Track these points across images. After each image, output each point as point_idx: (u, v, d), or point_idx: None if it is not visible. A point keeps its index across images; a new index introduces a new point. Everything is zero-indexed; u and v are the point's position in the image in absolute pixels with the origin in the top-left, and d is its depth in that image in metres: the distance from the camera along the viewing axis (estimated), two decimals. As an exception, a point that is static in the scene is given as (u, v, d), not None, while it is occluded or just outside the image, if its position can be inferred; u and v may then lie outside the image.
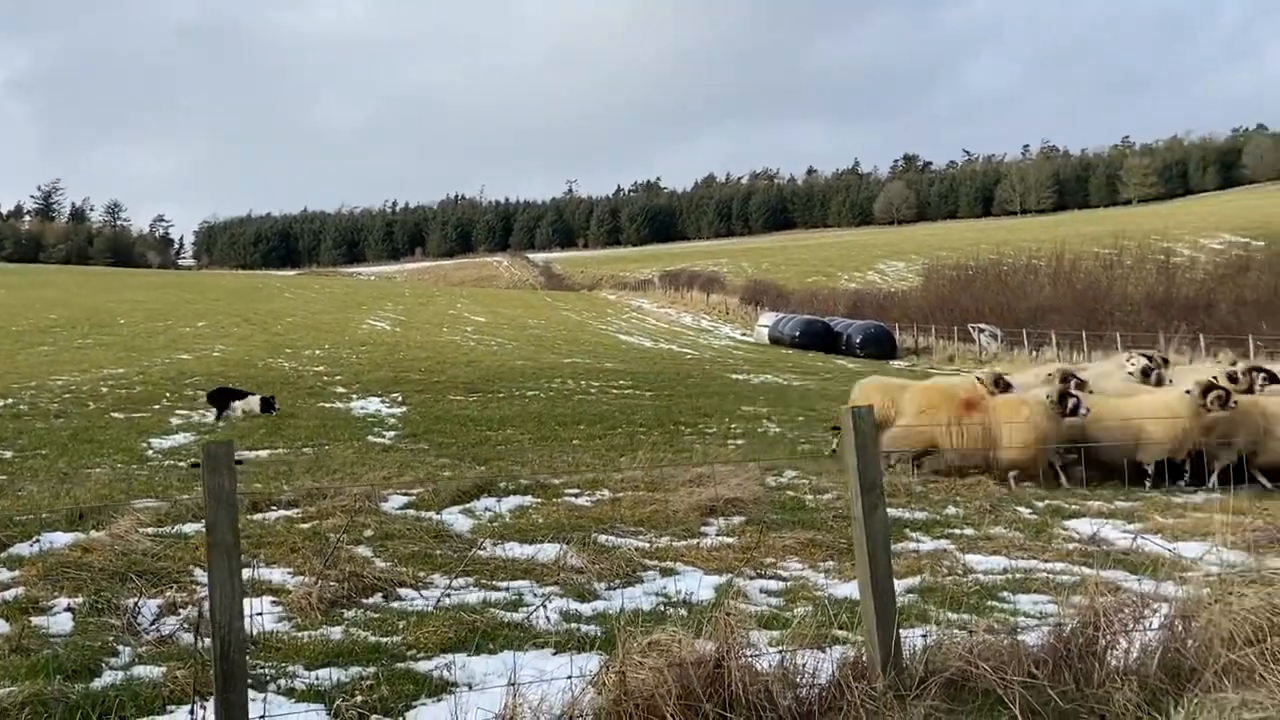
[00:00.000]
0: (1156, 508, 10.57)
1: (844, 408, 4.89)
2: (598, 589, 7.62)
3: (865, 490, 4.81)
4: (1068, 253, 49.74)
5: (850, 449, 4.83)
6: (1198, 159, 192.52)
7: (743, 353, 49.61)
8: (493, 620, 6.75)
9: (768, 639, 5.80)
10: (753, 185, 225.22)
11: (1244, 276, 37.25)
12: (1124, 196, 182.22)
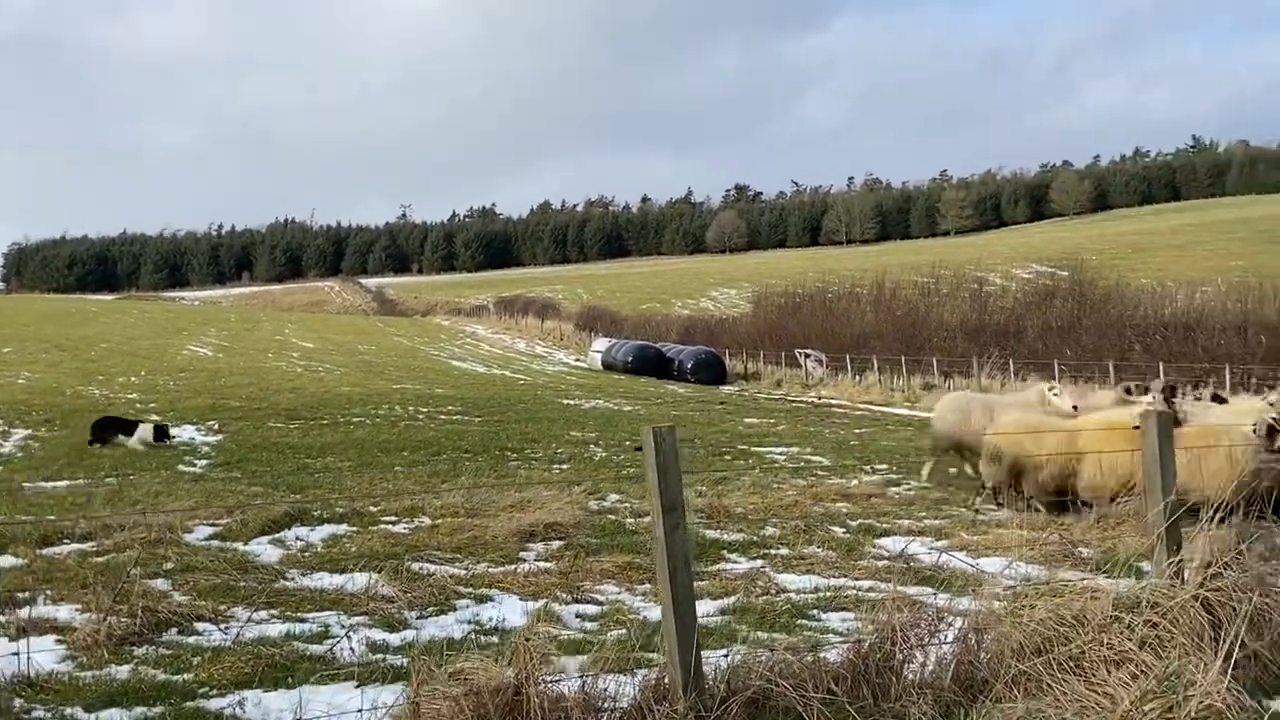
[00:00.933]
0: (963, 525, 10.95)
1: (645, 427, 4.85)
2: (408, 618, 7.39)
3: (666, 510, 4.78)
4: (888, 281, 51.69)
5: (651, 468, 4.79)
6: (1009, 193, 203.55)
7: (575, 378, 49.62)
8: (294, 654, 6.46)
9: (576, 664, 5.72)
10: (588, 213, 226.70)
11: (1049, 304, 39.40)
12: (943, 228, 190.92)
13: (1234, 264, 76.42)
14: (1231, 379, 26.31)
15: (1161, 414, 5.91)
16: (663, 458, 4.78)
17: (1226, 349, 27.11)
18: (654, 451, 4.77)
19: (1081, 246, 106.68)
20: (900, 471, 15.74)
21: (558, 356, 67.22)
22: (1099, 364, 30.89)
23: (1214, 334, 27.96)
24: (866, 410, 33.35)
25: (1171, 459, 5.85)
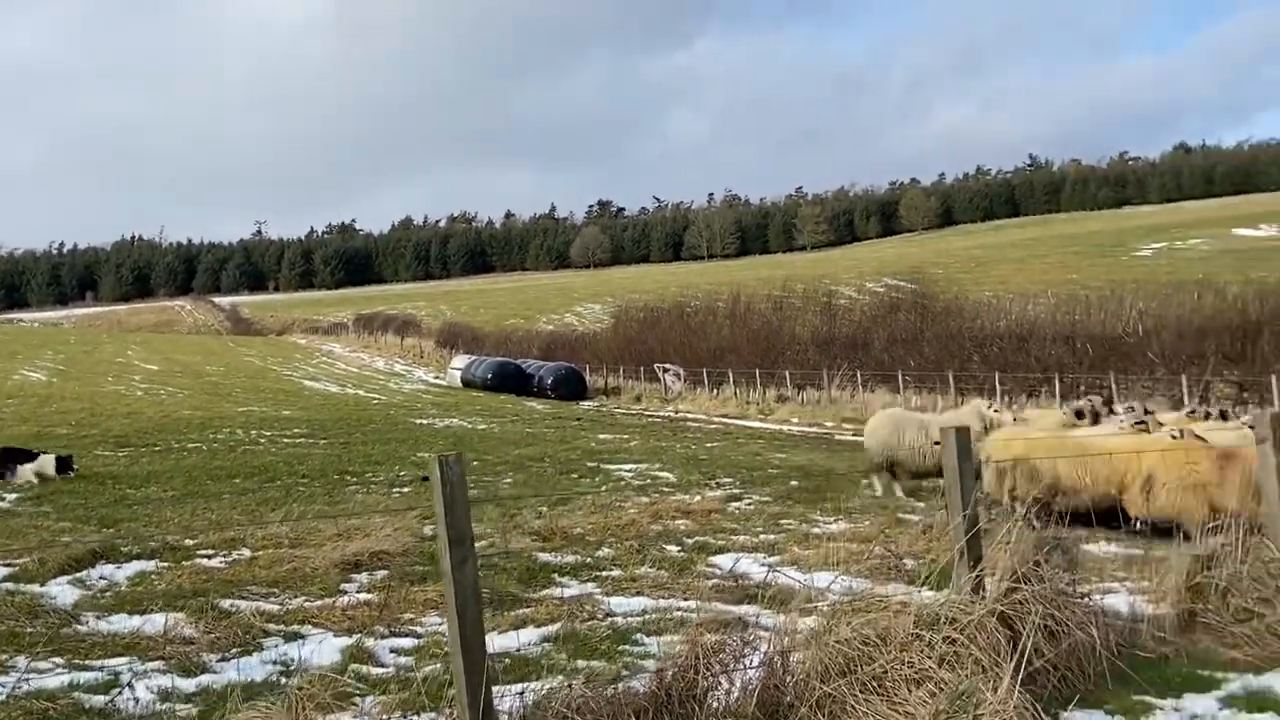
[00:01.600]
0: (796, 539, 10.98)
1: (431, 456, 4.63)
2: (208, 661, 6.96)
3: (454, 544, 4.56)
4: (744, 295, 52.40)
5: (439, 500, 4.57)
6: (862, 209, 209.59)
7: (433, 396, 48.81)
8: (72, 707, 5.99)
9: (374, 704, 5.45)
10: (451, 228, 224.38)
11: (894, 316, 40.49)
12: (799, 243, 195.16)
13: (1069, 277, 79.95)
14: (1061, 387, 27.41)
15: (960, 428, 5.96)
16: (449, 489, 4.56)
17: (1056, 358, 28.23)
18: (440, 483, 4.55)
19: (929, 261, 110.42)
20: (744, 485, 15.80)
21: (417, 374, 66.06)
22: (940, 374, 31.81)
23: (1045, 344, 29.10)
24: (721, 423, 33.61)
25: (971, 472, 5.90)
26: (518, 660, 6.70)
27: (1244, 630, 6.23)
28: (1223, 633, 6.28)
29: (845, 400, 35.65)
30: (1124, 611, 6.52)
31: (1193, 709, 5.47)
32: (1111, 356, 26.85)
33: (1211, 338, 24.81)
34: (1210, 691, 5.69)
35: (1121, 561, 9.42)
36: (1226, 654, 6.16)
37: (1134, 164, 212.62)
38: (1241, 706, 5.42)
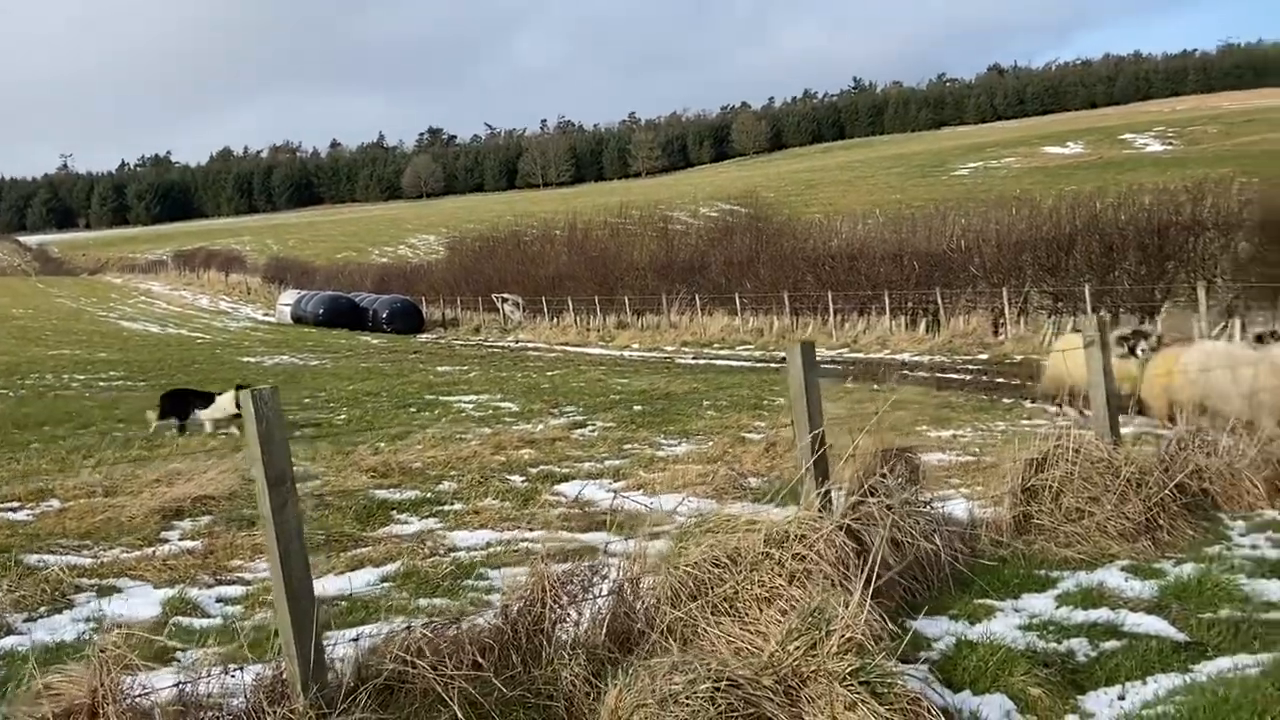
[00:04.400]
0: (641, 463, 10.88)
1: (243, 391, 4.22)
2: (13, 622, 6.39)
3: (273, 484, 4.19)
4: (581, 223, 52.01)
5: (253, 439, 4.18)
6: (695, 134, 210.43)
7: (261, 334, 47.02)
8: None
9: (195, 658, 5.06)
10: (274, 159, 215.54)
11: (730, 240, 40.83)
12: (634, 169, 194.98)
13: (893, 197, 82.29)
14: (890, 303, 28.24)
15: (804, 343, 5.86)
16: (265, 425, 4.17)
17: (885, 275, 28.98)
18: (254, 419, 4.16)
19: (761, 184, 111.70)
20: (587, 413, 15.63)
21: (244, 312, 63.56)
22: (775, 295, 32.32)
23: (874, 262, 29.80)
24: (562, 351, 33.42)
25: (817, 387, 5.81)
26: (357, 603, 6.38)
27: (1075, 529, 6.40)
28: (1056, 533, 6.43)
29: (685, 324, 35.89)
30: (964, 519, 6.61)
31: (1031, 608, 5.58)
32: (936, 272, 27.71)
33: (1029, 250, 25.82)
34: (1047, 590, 5.82)
35: (957, 469, 9.67)
36: (1060, 553, 6.32)
37: (951, 85, 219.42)
38: (1076, 603, 5.55)
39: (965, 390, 17.71)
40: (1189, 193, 23.71)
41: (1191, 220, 22.70)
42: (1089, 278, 24.04)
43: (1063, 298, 24.87)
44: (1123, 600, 5.53)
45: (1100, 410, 7.03)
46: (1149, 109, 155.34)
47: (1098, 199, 26.60)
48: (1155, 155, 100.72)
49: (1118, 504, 6.45)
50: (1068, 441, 6.73)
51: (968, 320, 25.68)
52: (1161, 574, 5.92)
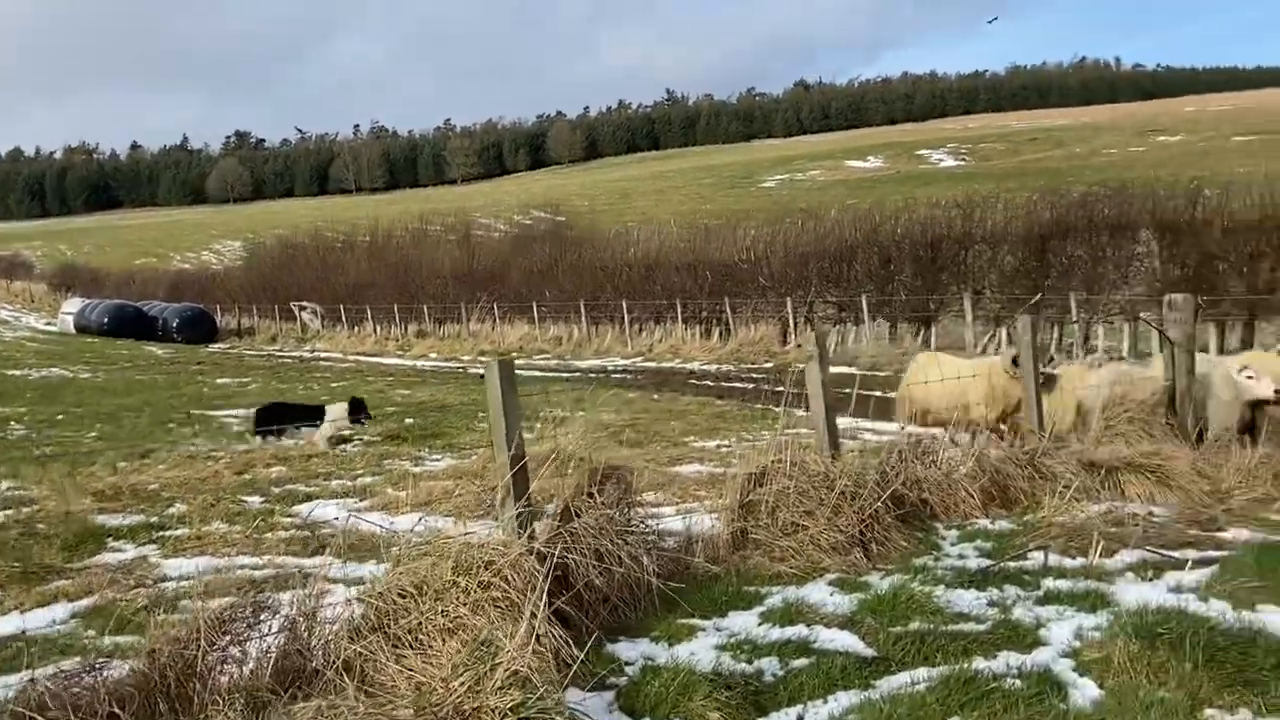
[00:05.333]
0: (394, 480, 10.48)
1: None
2: None
3: None
4: (383, 229, 50.89)
5: None
6: (510, 142, 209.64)
7: (38, 345, 44.02)
8: None
9: None
10: (69, 160, 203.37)
11: (531, 248, 40.63)
12: (450, 176, 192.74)
13: (703, 207, 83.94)
14: (683, 312, 28.61)
15: (502, 361, 5.64)
16: None
17: (680, 285, 29.30)
18: None
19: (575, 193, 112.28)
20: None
21: (25, 321, 59.58)
22: (574, 304, 32.26)
23: (670, 272, 30.11)
24: (355, 362, 32.46)
25: (515, 403, 5.59)
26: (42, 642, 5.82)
27: (789, 543, 6.38)
28: (771, 547, 6.40)
29: (484, 333, 35.44)
30: (680, 536, 6.52)
31: (733, 626, 5.49)
32: (729, 281, 28.18)
33: (814, 261, 26.51)
34: (753, 607, 5.75)
35: (706, 481, 9.65)
36: (774, 568, 6.28)
37: (761, 100, 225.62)
38: (777, 620, 5.49)
39: (745, 399, 17.92)
40: (960, 208, 24.85)
41: (962, 234, 23.78)
42: (869, 288, 24.90)
43: (846, 307, 25.65)
44: (821, 616, 5.51)
45: (820, 423, 7.08)
46: (944, 126, 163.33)
47: (877, 212, 27.59)
48: (949, 170, 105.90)
49: (831, 517, 6.47)
50: (787, 455, 6.73)
51: (757, 329, 26.17)
52: (866, 587, 5.95)
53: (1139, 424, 8.83)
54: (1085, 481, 7.79)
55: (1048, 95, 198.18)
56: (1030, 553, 6.45)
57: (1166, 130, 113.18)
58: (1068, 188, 26.15)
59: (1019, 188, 34.62)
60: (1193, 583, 5.82)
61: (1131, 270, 20.38)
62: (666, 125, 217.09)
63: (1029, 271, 21.96)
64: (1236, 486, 7.89)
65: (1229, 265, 18.57)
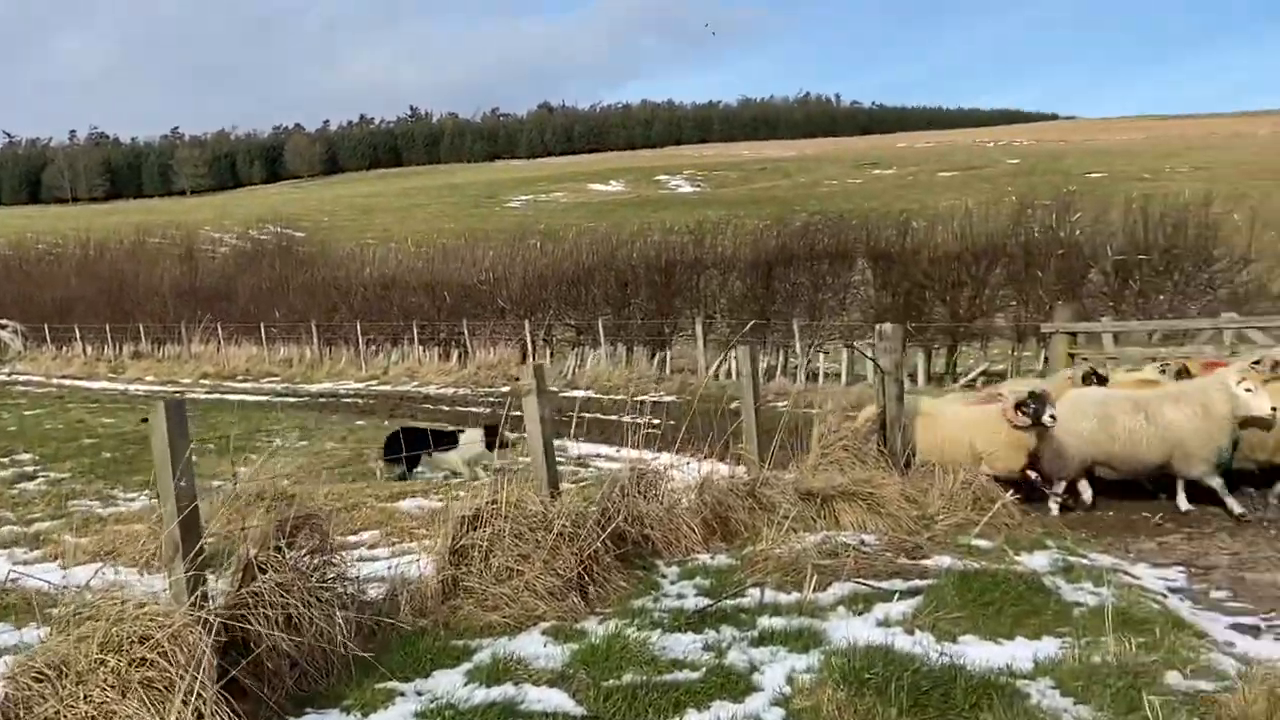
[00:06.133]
0: (76, 524, 9.40)
1: None
2: None
3: None
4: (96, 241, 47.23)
5: None
6: (245, 153, 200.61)
7: None
8: None
9: None
10: None
11: (260, 265, 38.73)
12: (179, 186, 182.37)
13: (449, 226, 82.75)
14: (420, 334, 27.94)
15: (171, 403, 5.01)
16: None
17: (418, 305, 28.60)
18: None
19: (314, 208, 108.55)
20: (45, 461, 13.65)
21: None
22: (306, 324, 30.89)
23: (407, 292, 29.36)
24: (59, 386, 29.74)
25: (184, 448, 4.97)
26: None
27: (504, 590, 6.02)
28: (484, 595, 6.02)
29: (208, 355, 33.34)
30: (385, 586, 6.04)
31: (436, 688, 5.06)
32: (467, 302, 27.71)
33: (553, 283, 26.45)
34: (461, 664, 5.34)
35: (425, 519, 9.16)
36: (487, 618, 5.90)
37: (505, 120, 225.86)
38: (484, 678, 5.10)
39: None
40: (692, 234, 25.42)
41: (694, 259, 24.30)
42: (607, 311, 25.04)
43: (584, 330, 25.68)
44: (531, 672, 5.16)
45: (539, 459, 6.79)
46: (682, 153, 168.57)
47: (614, 236, 27.85)
48: (686, 196, 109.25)
49: (549, 560, 6.15)
50: (504, 495, 6.38)
51: (495, 351, 25.80)
52: (582, 635, 5.66)
53: (852, 451, 9.01)
54: (802, 511, 7.85)
55: (776, 127, 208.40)
56: (748, 589, 6.37)
57: (881, 164, 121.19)
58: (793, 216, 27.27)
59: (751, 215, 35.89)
60: (899, 615, 5.88)
61: (849, 297, 21.41)
62: (410, 142, 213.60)
63: (757, 297, 22.65)
64: (940, 511, 8.16)
65: (934, 293, 19.75)
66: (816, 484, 8.26)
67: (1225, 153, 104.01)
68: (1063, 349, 15.48)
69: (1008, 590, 6.11)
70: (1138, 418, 8.88)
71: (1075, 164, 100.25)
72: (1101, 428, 8.99)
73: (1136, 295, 17.35)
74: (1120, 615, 5.71)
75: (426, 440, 12.17)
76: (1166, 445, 8.80)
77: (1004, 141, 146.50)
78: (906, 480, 8.70)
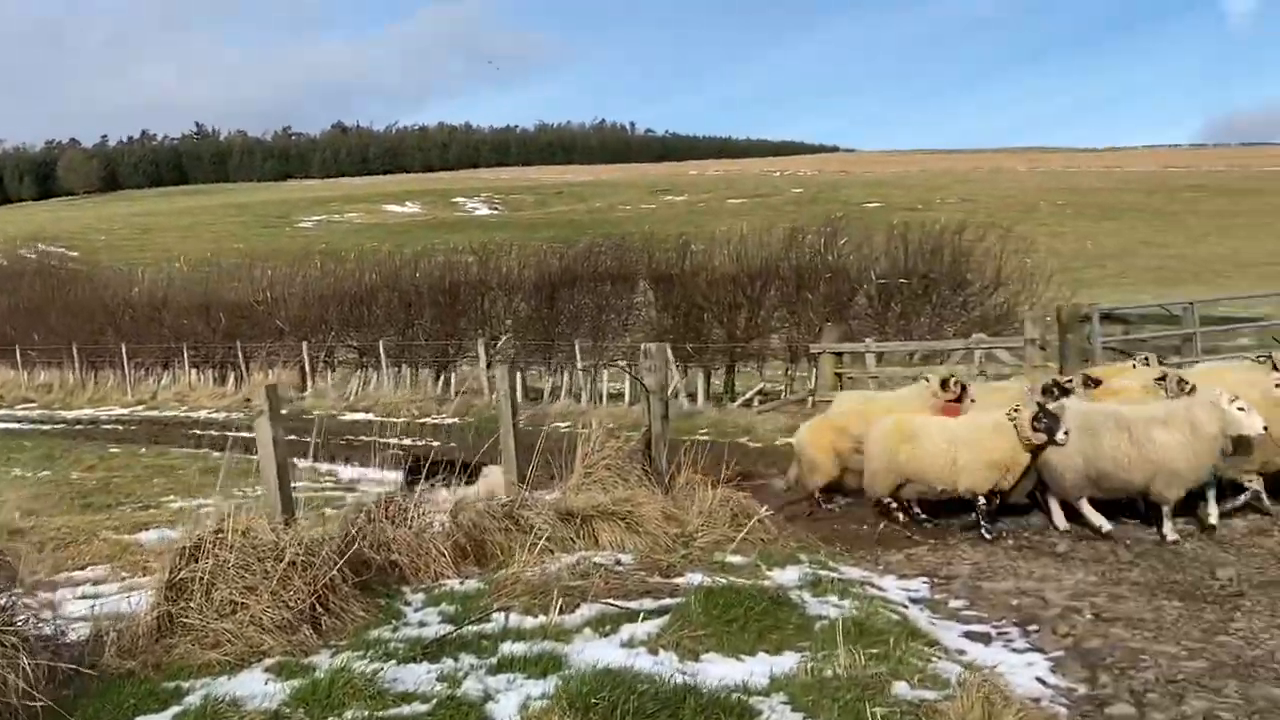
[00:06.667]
0: None
1: None
2: None
3: None
4: None
5: None
6: (13, 167, 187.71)
7: None
8: None
9: None
10: None
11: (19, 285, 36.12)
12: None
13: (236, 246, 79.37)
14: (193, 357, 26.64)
15: None
16: None
17: (191, 327, 27.26)
18: None
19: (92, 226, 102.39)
20: None
21: None
22: (68, 347, 28.95)
23: (180, 313, 27.95)
24: None
25: None
26: None
27: (227, 626, 5.62)
28: (204, 632, 5.60)
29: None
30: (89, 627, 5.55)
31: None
32: (243, 324, 26.54)
33: (333, 304, 25.68)
34: (168, 709, 4.93)
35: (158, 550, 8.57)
36: (206, 656, 5.49)
37: (297, 139, 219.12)
38: (190, 724, 4.72)
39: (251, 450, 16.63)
40: (476, 255, 25.09)
41: (479, 280, 23.99)
42: (390, 332, 24.43)
43: (366, 351, 24.99)
44: (244, 714, 4.81)
45: (271, 485, 6.42)
46: (479, 176, 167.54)
47: (397, 256, 27.26)
48: (482, 219, 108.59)
49: (278, 591, 5.79)
50: (230, 524, 5.98)
51: (272, 374, 24.77)
52: (309, 671, 5.31)
53: (615, 470, 8.96)
54: (561, 532, 7.73)
55: (572, 152, 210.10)
56: (494, 614, 6.17)
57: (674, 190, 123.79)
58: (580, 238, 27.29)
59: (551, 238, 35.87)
60: (644, 635, 5.81)
61: (632, 318, 21.55)
62: (196, 160, 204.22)
63: (542, 318, 22.54)
64: (700, 529, 8.19)
65: (712, 315, 20.10)
66: (577, 504, 8.16)
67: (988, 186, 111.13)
68: (830, 368, 16.03)
69: (753, 606, 6.13)
70: (1122, 437, 8.32)
71: (854, 194, 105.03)
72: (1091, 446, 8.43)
73: (898, 317, 18.14)
74: (858, 627, 5.82)
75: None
76: (1152, 467, 8.22)
77: (789, 171, 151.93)
78: (670, 498, 8.70)
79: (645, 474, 9.14)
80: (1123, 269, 65.32)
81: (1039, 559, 8.03)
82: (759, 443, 15.72)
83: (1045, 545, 8.42)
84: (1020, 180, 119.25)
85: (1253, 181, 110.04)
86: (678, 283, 20.63)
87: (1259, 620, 6.22)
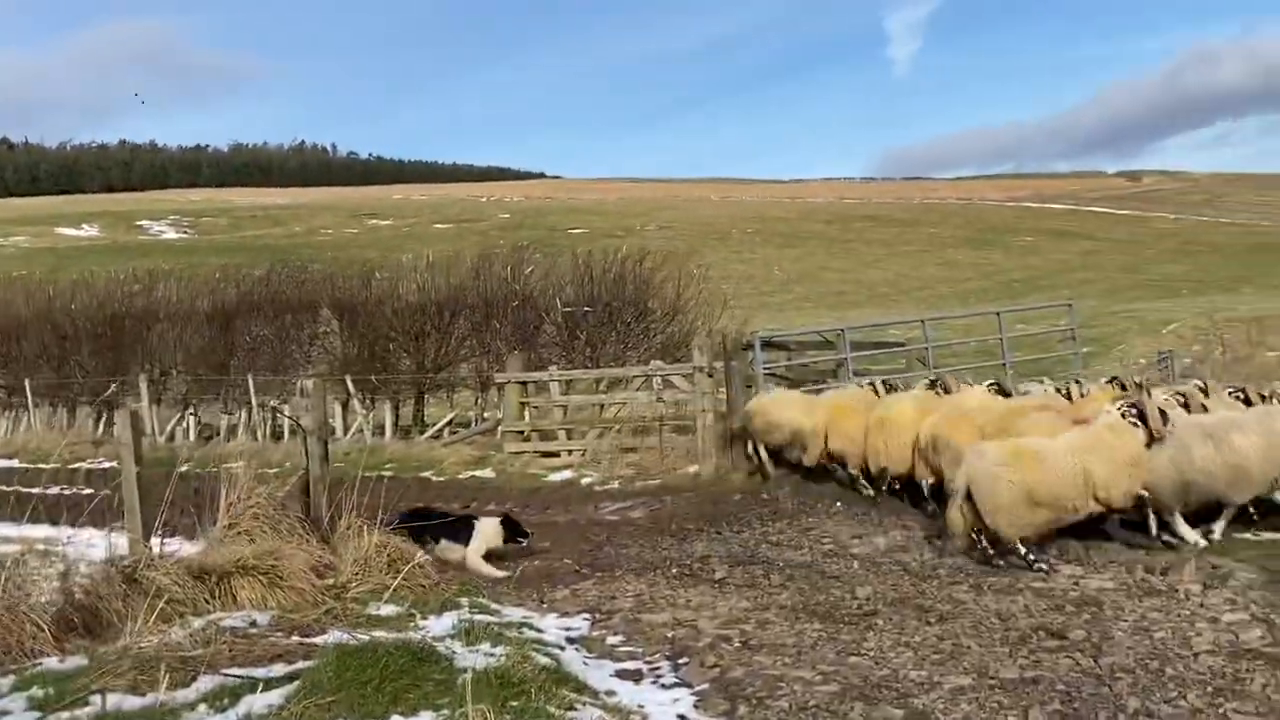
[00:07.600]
0: None
1: None
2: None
3: None
4: None
5: None
6: None
7: None
8: None
9: None
10: None
11: None
12: None
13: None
14: None
15: None
16: None
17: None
18: None
19: None
20: None
21: None
22: None
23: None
24: None
25: None
26: None
27: None
28: None
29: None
30: None
31: None
32: None
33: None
34: None
35: None
36: None
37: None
38: None
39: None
40: (140, 283, 23.29)
41: (144, 311, 22.23)
42: (44, 369, 22.22)
43: (17, 391, 22.59)
44: None
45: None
46: (166, 197, 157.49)
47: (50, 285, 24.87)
48: (170, 242, 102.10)
49: None
50: None
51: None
52: None
53: (266, 519, 8.33)
54: (193, 593, 7.06)
55: (270, 174, 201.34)
56: (92, 696, 5.46)
57: (379, 214, 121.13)
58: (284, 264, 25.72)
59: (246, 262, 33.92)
60: (265, 707, 5.29)
61: (315, 349, 20.55)
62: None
63: (216, 350, 21.13)
64: (354, 579, 7.73)
65: (399, 344, 19.52)
66: (215, 559, 7.50)
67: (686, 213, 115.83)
68: (515, 398, 15.87)
69: (390, 664, 5.72)
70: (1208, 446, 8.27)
71: (560, 219, 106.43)
72: None
73: (585, 345, 18.24)
74: (500, 679, 5.56)
75: (437, 523, 9.87)
76: (1233, 473, 8.25)
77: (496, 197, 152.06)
78: (328, 547, 8.18)
79: (300, 522, 8.56)
80: (806, 293, 69.54)
81: (698, 586, 8.10)
82: (443, 476, 15.36)
83: (705, 572, 8.53)
84: (715, 208, 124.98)
85: (914, 213, 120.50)
86: (362, 311, 19.90)
87: (888, 638, 6.46)
